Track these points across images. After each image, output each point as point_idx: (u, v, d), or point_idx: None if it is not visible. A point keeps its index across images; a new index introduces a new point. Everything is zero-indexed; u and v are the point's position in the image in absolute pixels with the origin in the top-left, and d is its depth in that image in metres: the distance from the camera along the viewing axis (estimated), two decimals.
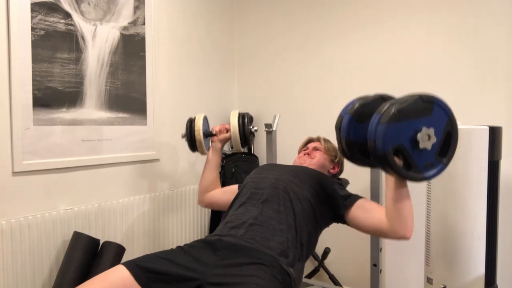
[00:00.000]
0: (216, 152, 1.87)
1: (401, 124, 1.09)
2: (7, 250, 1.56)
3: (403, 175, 1.13)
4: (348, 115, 1.27)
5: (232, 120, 1.82)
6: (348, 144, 1.28)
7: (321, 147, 1.77)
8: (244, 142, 1.85)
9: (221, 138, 1.86)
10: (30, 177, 1.66)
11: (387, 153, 1.09)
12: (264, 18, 2.71)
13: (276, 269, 1.23)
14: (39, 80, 1.67)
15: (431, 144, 1.11)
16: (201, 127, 1.80)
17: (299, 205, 1.42)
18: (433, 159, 1.14)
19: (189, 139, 1.83)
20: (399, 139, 1.10)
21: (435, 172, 1.15)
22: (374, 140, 1.11)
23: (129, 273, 1.18)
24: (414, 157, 1.12)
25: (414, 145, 1.11)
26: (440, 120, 1.13)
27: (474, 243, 1.54)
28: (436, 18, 2.09)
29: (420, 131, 1.10)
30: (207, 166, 1.86)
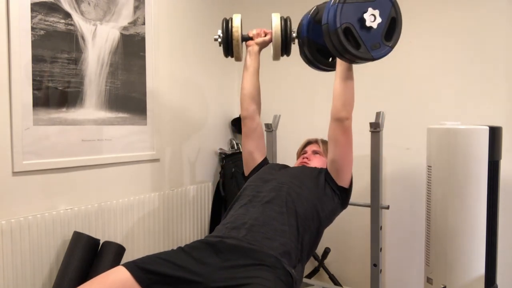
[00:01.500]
0: (254, 56, 1.70)
1: (349, 5, 1.24)
2: (7, 250, 1.56)
3: (353, 52, 1.26)
4: (307, 16, 1.50)
5: (275, 22, 1.62)
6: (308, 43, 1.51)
7: (320, 149, 1.77)
8: (284, 49, 1.65)
9: (259, 41, 1.69)
10: (30, 177, 1.66)
11: (338, 29, 1.23)
12: (264, 18, 2.70)
13: (279, 270, 1.22)
14: (39, 80, 1.66)
15: (377, 23, 1.26)
16: (239, 25, 1.61)
17: (301, 206, 1.42)
18: (379, 40, 1.29)
19: (225, 41, 1.62)
20: (349, 18, 1.25)
21: (381, 53, 1.29)
22: (327, 22, 1.27)
23: (130, 274, 1.17)
24: (362, 36, 1.26)
25: (362, 25, 1.26)
26: (385, 5, 1.28)
27: (474, 243, 1.54)
28: (436, 18, 2.09)
29: (366, 11, 1.25)
30: (246, 72, 1.70)
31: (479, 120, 1.95)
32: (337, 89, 1.47)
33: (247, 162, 1.74)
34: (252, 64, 1.71)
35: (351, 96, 1.46)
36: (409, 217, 2.20)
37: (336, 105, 1.48)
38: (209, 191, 2.55)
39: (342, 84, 1.45)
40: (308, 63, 1.66)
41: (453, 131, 1.57)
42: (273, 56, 1.70)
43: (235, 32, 1.61)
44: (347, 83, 1.44)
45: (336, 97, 1.47)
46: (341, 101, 1.46)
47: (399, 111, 2.20)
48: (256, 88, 1.71)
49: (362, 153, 1.99)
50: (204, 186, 2.51)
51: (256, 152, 1.72)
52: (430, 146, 1.67)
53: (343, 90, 1.45)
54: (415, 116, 2.17)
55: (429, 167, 1.67)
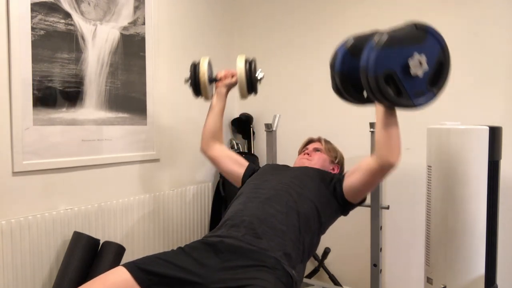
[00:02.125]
0: (220, 97, 1.79)
1: (393, 49, 1.10)
2: (7, 250, 1.56)
3: (393, 100, 1.14)
4: (343, 49, 1.30)
5: (239, 65, 1.73)
6: (342, 78, 1.32)
7: (322, 147, 1.77)
8: (250, 88, 1.75)
9: (226, 83, 1.79)
10: (30, 177, 1.66)
11: (378, 76, 1.10)
12: (264, 18, 2.70)
13: (279, 271, 1.22)
14: (39, 80, 1.66)
15: (423, 71, 1.12)
16: (206, 70, 1.72)
17: (302, 206, 1.42)
18: (424, 87, 1.15)
19: (193, 83, 1.75)
20: (391, 64, 1.10)
21: (424, 100, 1.17)
22: (366, 66, 1.12)
23: (130, 275, 1.17)
24: (405, 84, 1.12)
25: (406, 72, 1.11)
26: (433, 49, 1.14)
27: (474, 243, 1.54)
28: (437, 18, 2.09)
29: (412, 57, 1.10)
30: (211, 112, 1.79)
31: (479, 120, 1.95)
32: (379, 137, 1.31)
33: (234, 179, 1.77)
34: (218, 104, 1.79)
35: (398, 143, 1.30)
36: (409, 217, 2.20)
37: (382, 153, 1.32)
38: (209, 191, 2.55)
39: (385, 132, 1.30)
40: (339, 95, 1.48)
41: (453, 131, 1.56)
42: (240, 96, 1.80)
43: (201, 77, 1.72)
44: (391, 130, 1.29)
45: (380, 145, 1.33)
46: (387, 149, 1.31)
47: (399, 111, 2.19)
48: (218, 127, 1.79)
49: (362, 153, 1.99)
50: (204, 186, 2.51)
51: (235, 167, 1.74)
52: (430, 146, 1.67)
53: (388, 138, 1.30)
54: (415, 116, 2.16)
55: (429, 167, 1.67)
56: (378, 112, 1.31)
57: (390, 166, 1.32)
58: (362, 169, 1.43)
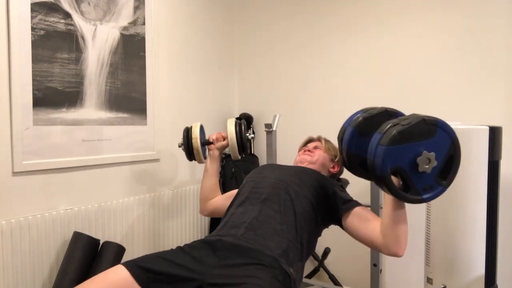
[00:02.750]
0: (214, 160, 1.87)
1: (401, 146, 1.07)
2: (7, 250, 1.56)
3: (400, 196, 1.11)
4: (351, 128, 1.25)
5: (229, 128, 1.83)
6: (349, 157, 1.28)
7: (322, 146, 1.77)
8: (241, 150, 1.86)
9: (218, 146, 1.86)
10: (30, 177, 1.66)
11: (385, 174, 1.07)
12: (264, 18, 2.70)
13: (276, 270, 1.23)
14: (39, 80, 1.67)
15: (431, 167, 1.09)
16: (198, 135, 1.80)
17: (300, 205, 1.42)
18: (433, 182, 1.12)
19: (187, 148, 1.83)
20: (398, 162, 1.08)
21: (433, 194, 1.14)
22: (373, 160, 1.10)
23: (129, 273, 1.18)
24: (413, 180, 1.10)
25: (414, 168, 1.09)
26: (443, 143, 1.11)
27: (474, 243, 1.54)
28: (436, 18, 2.09)
29: (420, 155, 1.08)
30: (206, 174, 1.86)
31: (479, 120, 1.95)
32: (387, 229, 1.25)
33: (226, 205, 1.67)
34: (212, 167, 1.86)
35: (405, 236, 1.26)
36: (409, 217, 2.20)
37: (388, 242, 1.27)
38: None
39: (393, 225, 1.24)
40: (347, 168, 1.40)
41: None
42: (232, 157, 1.88)
43: (194, 142, 1.81)
44: (399, 224, 1.24)
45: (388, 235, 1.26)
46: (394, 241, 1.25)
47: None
48: (214, 189, 1.85)
49: None
50: None
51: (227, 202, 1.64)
52: None
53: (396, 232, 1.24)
54: None
55: None
56: (385, 199, 1.26)
57: (395, 256, 1.28)
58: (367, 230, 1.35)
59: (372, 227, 1.33)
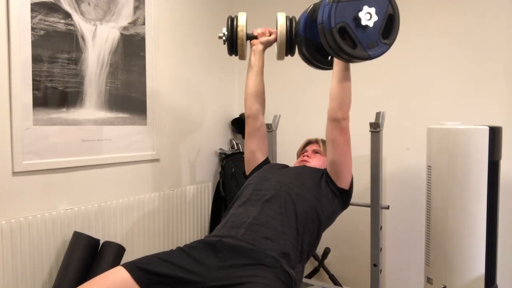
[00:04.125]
0: (258, 54, 1.69)
1: (344, 4, 1.21)
2: (7, 250, 1.56)
3: (349, 52, 1.24)
4: (304, 15, 1.45)
5: (280, 21, 1.60)
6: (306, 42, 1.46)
7: (320, 149, 1.77)
8: (289, 49, 1.64)
9: (263, 41, 1.69)
10: (30, 177, 1.66)
11: (333, 29, 1.21)
12: (264, 17, 2.70)
13: (278, 270, 1.23)
14: (39, 80, 1.67)
15: (373, 22, 1.23)
16: (244, 24, 1.60)
17: (301, 207, 1.42)
18: (376, 39, 1.25)
19: (230, 39, 1.62)
20: (343, 17, 1.22)
21: (378, 51, 1.27)
22: (322, 22, 1.24)
23: (129, 274, 1.17)
24: (358, 35, 1.23)
25: (357, 24, 1.22)
26: (382, 2, 1.25)
27: (474, 243, 1.54)
28: (436, 18, 2.09)
29: (362, 10, 1.22)
30: (251, 71, 1.70)
31: (479, 120, 1.95)
32: (334, 89, 1.45)
33: (249, 161, 1.74)
34: (256, 63, 1.71)
35: (348, 97, 1.44)
36: (409, 217, 2.20)
37: (332, 105, 1.46)
38: (209, 191, 2.55)
39: (338, 84, 1.43)
40: (307, 62, 1.64)
41: (453, 131, 1.56)
42: (277, 56, 1.69)
43: (240, 32, 1.61)
44: (344, 83, 1.43)
45: (333, 97, 1.46)
46: (338, 101, 1.44)
47: (399, 111, 2.20)
48: (260, 87, 1.72)
49: (362, 153, 1.99)
50: (204, 186, 2.51)
51: (258, 152, 1.73)
52: (430, 146, 1.67)
53: (340, 90, 1.43)
54: (415, 116, 2.17)
55: (429, 167, 1.67)
56: (335, 67, 1.43)
57: (340, 119, 1.43)
58: (326, 142, 1.53)
59: None
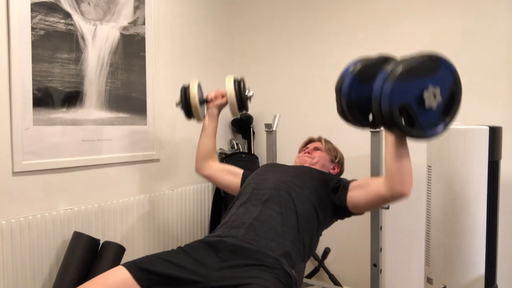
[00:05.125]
0: (212, 118, 1.83)
1: (408, 82, 1.08)
2: (7, 250, 1.56)
3: (407, 132, 1.13)
4: (351, 75, 1.25)
5: (228, 85, 1.77)
6: (349, 104, 1.28)
7: (322, 147, 1.77)
8: (241, 107, 1.80)
9: (216, 104, 1.83)
10: (30, 177, 1.66)
11: (393, 110, 1.08)
12: (264, 18, 2.70)
13: (278, 271, 1.22)
14: (39, 80, 1.67)
15: (436, 103, 1.11)
16: (196, 93, 1.76)
17: (301, 206, 1.42)
18: (436, 118, 1.15)
19: (184, 106, 1.78)
20: (405, 98, 1.09)
21: (437, 130, 1.16)
22: (379, 98, 1.10)
23: (130, 274, 1.18)
24: (418, 116, 1.11)
25: (420, 104, 1.10)
26: (446, 79, 1.13)
27: (474, 243, 1.54)
28: (436, 18, 2.09)
29: (427, 89, 1.09)
30: (204, 133, 1.83)
31: (479, 120, 1.95)
32: (391, 166, 1.28)
33: (232, 190, 1.76)
34: (210, 125, 1.83)
35: (409, 173, 1.27)
36: (409, 217, 2.20)
37: (393, 182, 1.29)
38: (209, 191, 2.55)
39: (396, 162, 1.26)
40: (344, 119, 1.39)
41: (453, 131, 1.56)
42: (231, 114, 1.85)
43: (192, 100, 1.75)
44: (401, 161, 1.25)
45: (390, 174, 1.30)
46: (398, 179, 1.28)
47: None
48: (211, 147, 1.84)
49: (362, 153, 1.99)
50: (204, 186, 2.50)
51: (231, 179, 1.76)
52: (430, 146, 1.67)
53: (398, 168, 1.26)
54: None
55: (429, 167, 1.67)
56: (388, 141, 1.29)
57: (402, 197, 1.29)
58: (370, 189, 1.38)
59: (373, 183, 1.37)
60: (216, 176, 1.80)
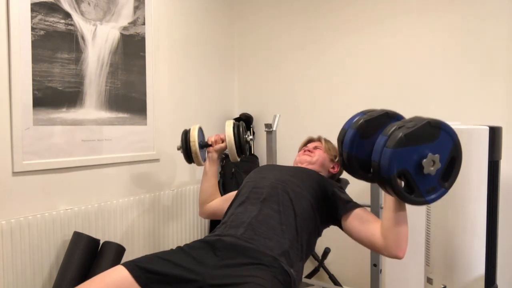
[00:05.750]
0: (213, 162, 1.86)
1: (407, 149, 1.08)
2: (7, 250, 1.56)
3: (405, 198, 1.12)
4: (352, 130, 1.25)
5: (227, 130, 1.81)
6: (350, 159, 1.27)
7: (322, 146, 1.77)
8: (240, 152, 1.84)
9: (217, 149, 1.85)
10: (30, 177, 1.66)
11: (391, 176, 1.08)
12: (264, 18, 2.70)
13: (277, 269, 1.23)
14: (39, 80, 1.67)
15: (436, 169, 1.10)
16: (196, 138, 1.79)
17: (299, 205, 1.42)
18: (436, 184, 1.14)
19: (185, 151, 1.81)
20: (404, 164, 1.08)
21: (436, 196, 1.15)
22: (378, 162, 1.10)
23: (129, 273, 1.18)
24: (417, 182, 1.11)
25: (419, 170, 1.10)
26: (446, 145, 1.13)
27: (474, 243, 1.54)
28: (437, 18, 2.09)
29: (426, 157, 1.09)
30: (205, 177, 1.85)
31: (479, 120, 1.95)
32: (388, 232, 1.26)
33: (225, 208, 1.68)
34: (211, 170, 1.85)
35: (406, 238, 1.26)
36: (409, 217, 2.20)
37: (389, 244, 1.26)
38: None
39: (394, 228, 1.24)
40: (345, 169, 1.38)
41: None
42: (230, 159, 1.86)
43: (192, 145, 1.79)
44: (400, 226, 1.24)
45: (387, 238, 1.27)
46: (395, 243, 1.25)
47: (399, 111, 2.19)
48: (213, 192, 1.84)
49: None
50: None
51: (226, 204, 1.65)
52: None
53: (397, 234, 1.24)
54: None
55: None
56: (387, 202, 1.27)
57: (395, 258, 1.28)
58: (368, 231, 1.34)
59: (372, 229, 1.33)
60: (219, 209, 1.77)
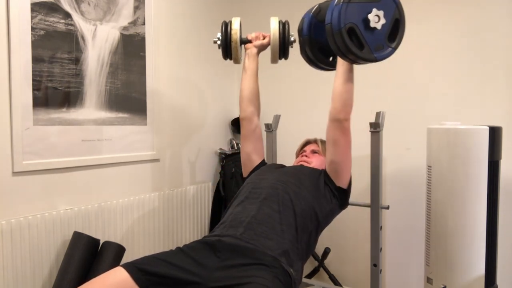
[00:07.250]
0: (252, 58, 1.73)
1: (354, 5, 1.23)
2: (7, 250, 1.56)
3: (356, 53, 1.25)
4: (309, 15, 1.47)
5: (273, 25, 1.63)
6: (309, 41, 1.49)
7: (319, 149, 1.78)
8: (282, 53, 1.68)
9: (257, 44, 1.72)
10: (30, 177, 1.66)
11: (341, 29, 1.22)
12: (263, 17, 2.70)
13: (277, 269, 1.23)
14: (39, 80, 1.67)
15: (381, 24, 1.26)
16: (238, 29, 1.62)
17: (299, 205, 1.42)
18: (383, 42, 1.28)
19: (224, 43, 1.64)
20: (352, 19, 1.24)
21: (384, 54, 1.30)
22: (330, 22, 1.25)
23: (129, 275, 1.17)
24: (366, 38, 1.26)
25: (366, 25, 1.25)
26: (389, 6, 1.28)
27: (474, 243, 1.54)
28: (437, 18, 2.09)
29: (371, 12, 1.24)
30: (245, 75, 1.73)
31: (479, 120, 1.95)
32: (337, 90, 1.46)
33: (245, 164, 1.75)
34: (250, 67, 1.73)
35: (351, 98, 1.46)
36: (409, 217, 2.20)
37: (335, 106, 1.47)
38: (209, 191, 2.55)
39: (342, 85, 1.44)
40: (309, 62, 1.65)
41: (453, 131, 1.57)
42: (271, 60, 1.72)
43: (233, 35, 1.63)
44: (347, 84, 1.43)
45: (336, 98, 1.46)
46: (341, 102, 1.45)
47: (399, 111, 2.20)
48: (254, 90, 1.73)
49: (362, 153, 1.99)
50: (204, 186, 2.51)
51: (254, 154, 1.73)
52: (430, 146, 1.67)
53: (344, 91, 1.44)
54: (415, 116, 2.17)
55: (429, 167, 1.67)
56: (338, 70, 1.44)
57: (343, 119, 1.45)
58: (327, 142, 1.54)
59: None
60: (251, 139, 1.72)
